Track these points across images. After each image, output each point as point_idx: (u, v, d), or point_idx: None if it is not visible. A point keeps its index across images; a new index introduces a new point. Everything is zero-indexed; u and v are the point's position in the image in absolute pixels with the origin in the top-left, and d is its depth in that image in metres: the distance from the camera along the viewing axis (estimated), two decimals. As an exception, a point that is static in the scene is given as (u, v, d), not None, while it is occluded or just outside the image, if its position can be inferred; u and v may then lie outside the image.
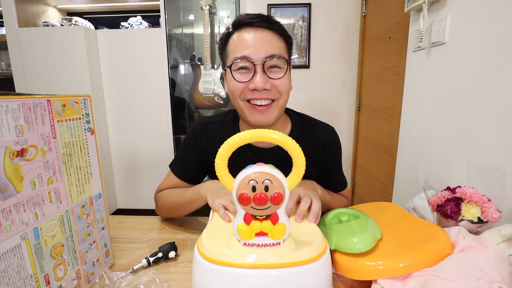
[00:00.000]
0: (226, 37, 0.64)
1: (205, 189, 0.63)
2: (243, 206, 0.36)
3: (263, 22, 0.60)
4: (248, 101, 0.62)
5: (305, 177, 0.63)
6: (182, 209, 0.69)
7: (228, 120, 0.73)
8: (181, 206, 0.68)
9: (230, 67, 0.61)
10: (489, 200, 0.51)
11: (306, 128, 0.72)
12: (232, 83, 0.61)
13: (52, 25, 1.91)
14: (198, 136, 0.73)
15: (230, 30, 0.63)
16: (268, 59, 0.59)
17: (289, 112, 0.75)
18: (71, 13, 2.28)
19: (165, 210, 0.73)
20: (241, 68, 0.60)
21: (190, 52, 2.14)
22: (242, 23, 0.61)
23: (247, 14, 0.61)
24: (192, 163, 0.74)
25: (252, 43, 0.59)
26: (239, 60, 0.59)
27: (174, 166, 0.76)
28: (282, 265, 0.36)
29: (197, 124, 0.75)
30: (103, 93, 2.01)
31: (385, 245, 0.47)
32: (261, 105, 0.61)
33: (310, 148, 0.69)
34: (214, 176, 0.69)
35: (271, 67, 0.60)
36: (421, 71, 1.07)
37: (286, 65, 0.61)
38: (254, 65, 0.59)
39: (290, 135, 0.71)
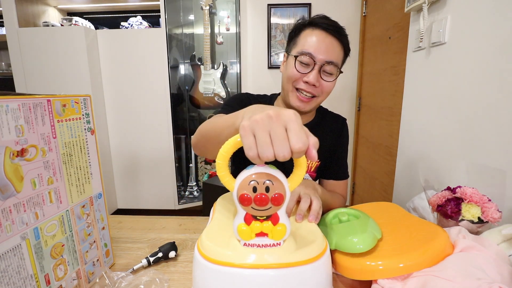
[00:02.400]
0: (300, 28, 0.74)
1: (246, 109, 0.42)
2: (243, 206, 0.36)
3: (336, 32, 0.70)
4: (296, 89, 0.73)
5: (319, 152, 0.64)
6: (214, 136, 0.51)
7: (265, 100, 0.86)
8: (215, 128, 0.51)
9: (296, 57, 0.71)
10: (490, 200, 0.51)
11: (324, 117, 0.87)
12: (292, 69, 0.72)
13: (52, 25, 1.91)
14: (243, 96, 0.83)
15: (306, 23, 0.72)
16: (326, 63, 0.69)
17: None
18: (71, 13, 2.28)
19: (199, 135, 0.59)
20: (303, 61, 0.70)
21: (190, 52, 2.14)
22: (319, 25, 0.70)
23: (325, 18, 0.72)
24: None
25: (320, 46, 0.69)
26: (304, 55, 0.69)
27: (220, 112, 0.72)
28: (282, 265, 0.36)
29: (242, 93, 0.87)
30: (103, 93, 2.01)
31: (385, 245, 0.47)
32: (304, 97, 0.72)
33: (325, 132, 0.84)
34: None
35: (326, 70, 0.70)
36: (421, 71, 1.07)
37: (337, 73, 0.72)
38: (314, 63, 0.69)
39: (311, 122, 0.84)
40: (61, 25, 1.98)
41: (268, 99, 0.87)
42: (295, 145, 0.31)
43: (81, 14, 2.28)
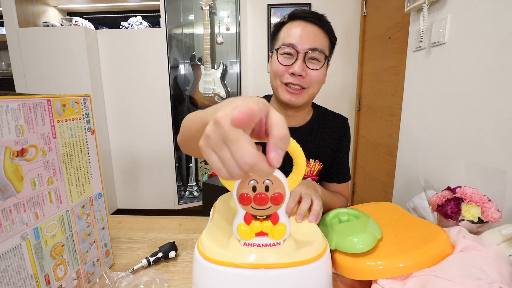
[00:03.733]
0: (280, 25, 0.72)
1: (216, 105, 0.38)
2: (243, 206, 0.36)
3: (315, 18, 0.68)
4: (285, 84, 0.70)
5: (320, 154, 0.63)
6: (191, 135, 0.46)
7: None
8: (191, 131, 0.45)
9: (277, 50, 0.69)
10: (489, 200, 0.51)
11: (324, 117, 0.83)
12: (276, 64, 0.69)
13: (52, 25, 1.91)
14: None
15: (286, 20, 0.71)
16: (310, 51, 0.66)
17: (313, 104, 0.84)
18: (71, 13, 2.28)
19: (180, 135, 0.54)
20: (286, 53, 0.68)
21: (190, 52, 2.14)
22: (297, 16, 0.69)
23: (303, 10, 0.70)
24: None
25: (301, 34, 0.67)
26: (285, 46, 0.67)
27: None
28: (282, 265, 0.36)
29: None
30: (103, 93, 2.01)
31: (385, 245, 0.47)
32: (294, 89, 0.69)
33: (326, 133, 0.81)
34: None
35: (311, 58, 0.68)
36: (421, 71, 1.07)
37: (324, 60, 0.69)
38: (298, 53, 0.66)
39: (310, 121, 0.81)
40: (61, 25, 1.98)
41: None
42: (241, 163, 0.24)
43: (81, 14, 2.28)
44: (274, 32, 0.74)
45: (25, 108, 0.36)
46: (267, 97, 0.84)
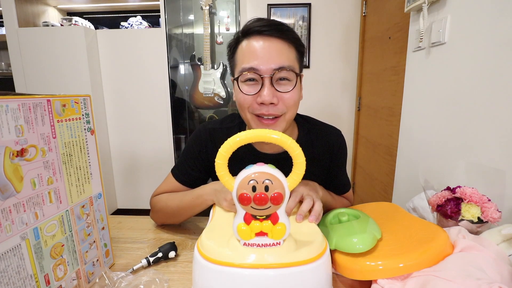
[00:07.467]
0: (235, 43, 0.61)
1: (208, 193, 0.61)
2: (243, 206, 0.36)
3: (274, 30, 0.56)
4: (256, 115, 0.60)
5: (310, 180, 0.61)
6: (181, 214, 0.67)
7: (234, 126, 0.71)
8: (181, 211, 0.66)
9: (237, 78, 0.58)
10: (489, 200, 0.51)
11: (313, 133, 0.71)
12: (240, 95, 0.59)
13: (52, 25, 1.91)
14: (203, 143, 0.71)
15: (240, 36, 0.60)
16: (276, 71, 0.56)
17: (295, 117, 0.71)
18: (71, 13, 2.28)
19: (163, 215, 0.70)
20: (249, 79, 0.57)
21: (190, 52, 2.14)
22: (251, 30, 0.57)
23: (258, 20, 0.58)
24: (196, 169, 0.71)
25: (261, 54, 0.56)
26: (246, 72, 0.56)
27: (176, 171, 0.73)
28: (282, 265, 0.36)
29: (202, 130, 0.72)
30: (103, 93, 2.01)
31: (385, 245, 0.47)
32: (267, 119, 0.59)
33: (317, 153, 0.70)
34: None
35: (280, 79, 0.57)
36: (421, 71, 1.07)
37: (295, 78, 0.58)
38: (262, 77, 0.56)
39: (297, 142, 0.68)
40: (61, 25, 1.98)
41: (236, 127, 0.71)
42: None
43: (81, 14, 2.28)
44: (229, 55, 0.63)
45: (25, 108, 0.36)
46: (243, 121, 0.69)
